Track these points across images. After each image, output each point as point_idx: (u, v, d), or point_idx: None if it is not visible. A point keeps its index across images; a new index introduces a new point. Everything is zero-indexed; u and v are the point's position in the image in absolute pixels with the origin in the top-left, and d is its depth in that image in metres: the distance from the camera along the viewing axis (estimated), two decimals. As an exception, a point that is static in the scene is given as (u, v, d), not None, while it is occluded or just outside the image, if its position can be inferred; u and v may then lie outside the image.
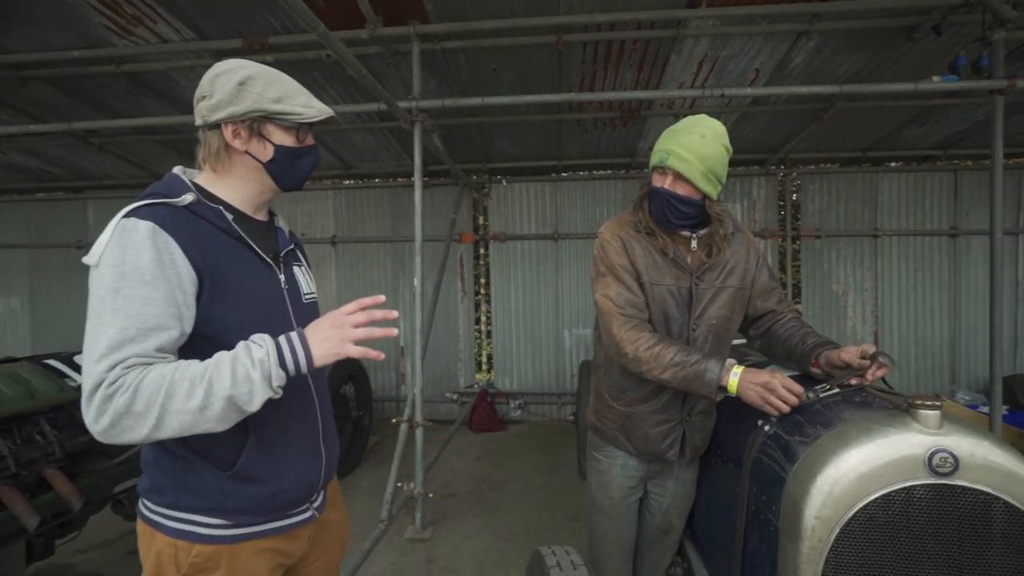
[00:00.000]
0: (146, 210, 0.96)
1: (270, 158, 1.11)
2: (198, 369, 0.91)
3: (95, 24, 3.29)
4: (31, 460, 2.27)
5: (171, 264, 0.94)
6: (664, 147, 1.46)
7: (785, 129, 4.83)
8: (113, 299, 0.91)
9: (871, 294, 5.54)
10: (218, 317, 1.00)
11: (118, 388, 0.87)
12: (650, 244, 1.55)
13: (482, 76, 3.89)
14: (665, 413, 1.59)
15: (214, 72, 1.09)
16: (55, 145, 5.14)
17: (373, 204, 6.06)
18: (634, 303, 1.52)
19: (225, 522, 1.05)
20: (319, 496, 1.23)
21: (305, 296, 1.23)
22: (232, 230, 1.07)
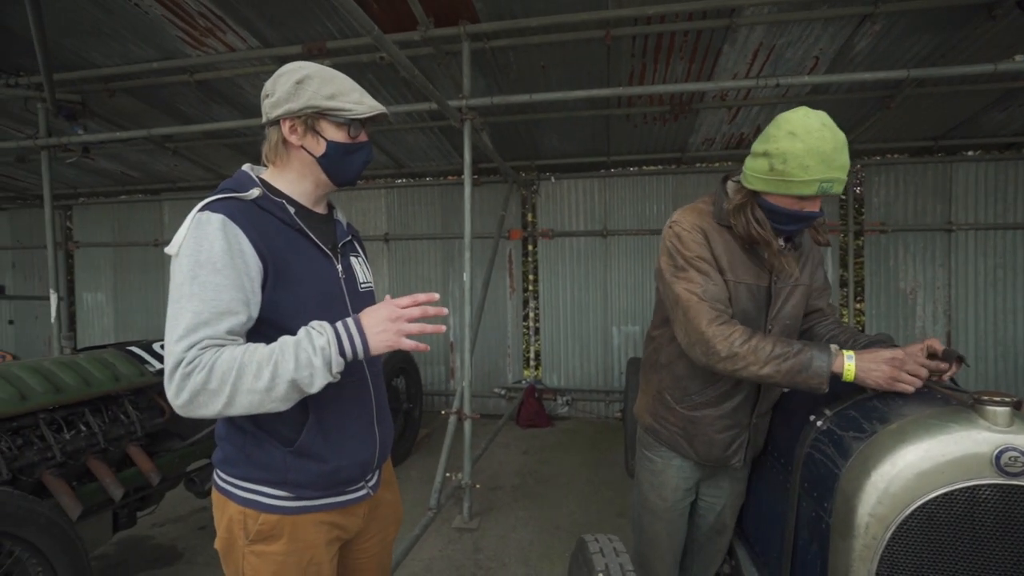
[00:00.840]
0: (218, 204, 1.05)
1: (323, 153, 1.16)
2: (265, 352, 0.98)
3: (172, 37, 3.55)
4: (117, 437, 2.49)
5: (240, 254, 1.02)
6: (823, 177, 1.27)
7: (848, 119, 4.58)
8: (191, 285, 0.99)
9: (943, 292, 5.18)
10: (280, 303, 1.08)
11: (196, 367, 0.96)
12: (732, 239, 1.46)
13: (531, 73, 3.91)
14: (732, 418, 1.52)
15: (277, 73, 1.17)
16: (136, 151, 5.57)
17: (424, 202, 6.22)
18: (720, 297, 1.42)
19: (288, 494, 1.13)
20: (374, 476, 1.30)
21: (361, 285, 1.29)
22: (294, 222, 1.14)
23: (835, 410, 1.32)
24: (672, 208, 5.62)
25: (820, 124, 1.29)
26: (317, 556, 1.16)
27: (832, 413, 1.32)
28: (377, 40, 2.21)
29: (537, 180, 5.91)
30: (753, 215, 1.39)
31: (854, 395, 1.33)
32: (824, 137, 1.27)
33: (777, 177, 1.32)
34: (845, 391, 1.35)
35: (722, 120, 4.67)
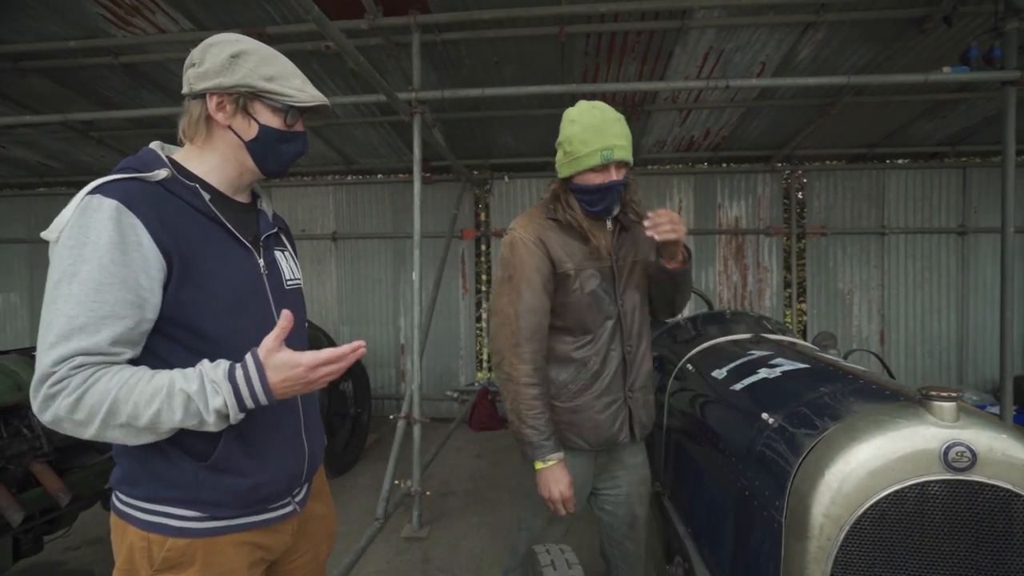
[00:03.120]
0: (114, 186, 0.90)
1: (253, 137, 1.05)
2: (147, 392, 0.86)
3: (92, 14, 3.26)
4: (18, 454, 2.23)
5: (136, 247, 0.89)
6: (599, 145, 1.45)
7: (791, 125, 4.76)
8: (69, 283, 0.86)
9: (877, 292, 5.45)
10: (188, 302, 0.95)
11: (62, 390, 0.84)
12: (567, 232, 1.57)
13: (484, 68, 3.83)
14: (609, 395, 1.59)
15: (208, 42, 1.04)
16: (56, 139, 5.12)
17: (374, 200, 6.02)
18: (537, 310, 1.52)
19: (199, 514, 0.99)
20: (301, 490, 1.18)
21: (288, 282, 1.17)
22: (208, 210, 1.01)
23: (788, 408, 1.30)
24: (625, 209, 5.67)
25: (590, 107, 1.52)
26: None
27: (785, 411, 1.30)
28: (318, 23, 2.07)
29: (490, 179, 5.83)
30: (565, 201, 1.56)
31: (805, 394, 1.32)
32: (594, 115, 1.48)
33: (571, 159, 1.50)
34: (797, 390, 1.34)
35: (673, 122, 4.74)
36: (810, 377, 1.45)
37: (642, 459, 1.72)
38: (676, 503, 2.03)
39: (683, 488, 1.95)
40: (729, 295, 5.60)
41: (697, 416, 1.87)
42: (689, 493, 1.87)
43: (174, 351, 0.95)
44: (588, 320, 1.57)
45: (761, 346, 2.00)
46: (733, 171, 5.60)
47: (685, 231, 1.46)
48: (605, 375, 1.58)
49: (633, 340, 1.63)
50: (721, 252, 5.61)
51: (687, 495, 1.89)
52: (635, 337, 1.64)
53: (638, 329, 1.65)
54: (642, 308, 1.68)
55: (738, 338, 2.26)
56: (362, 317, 6.02)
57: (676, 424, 2.10)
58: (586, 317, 1.57)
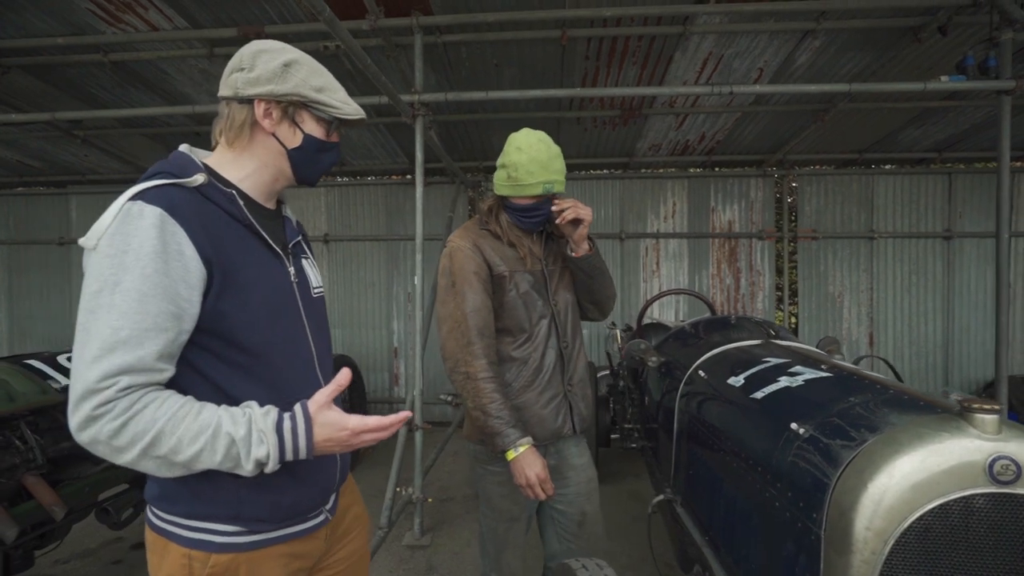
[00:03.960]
0: (155, 193, 0.88)
1: (297, 146, 1.05)
2: (193, 428, 0.85)
3: (81, 10, 3.16)
4: (10, 467, 2.14)
5: (178, 256, 0.87)
6: (544, 179, 1.60)
7: (784, 130, 4.82)
8: (111, 294, 0.83)
9: (866, 296, 5.55)
10: (227, 314, 0.93)
11: (106, 412, 0.81)
12: (498, 241, 1.70)
13: (483, 71, 3.81)
14: (550, 390, 1.70)
15: (256, 47, 1.03)
16: (37, 137, 4.96)
17: (367, 201, 5.95)
18: (481, 308, 1.63)
19: (241, 528, 0.98)
20: (331, 499, 1.18)
21: (314, 290, 1.16)
22: (243, 217, 0.99)
23: (818, 418, 1.30)
24: (620, 212, 5.70)
25: (538, 140, 1.63)
26: None
27: (815, 421, 1.30)
28: (329, 24, 2.02)
29: (484, 181, 5.80)
30: (497, 216, 1.71)
31: (835, 404, 1.32)
32: (541, 149, 1.61)
33: (513, 183, 1.63)
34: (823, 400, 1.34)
35: (670, 126, 4.77)
36: (836, 386, 1.45)
37: (588, 458, 1.84)
38: (690, 511, 2.03)
39: (698, 496, 1.94)
40: (722, 298, 5.65)
41: (714, 424, 1.86)
42: (706, 501, 1.86)
43: (209, 363, 0.94)
44: (524, 319, 1.69)
45: (775, 353, 2.00)
46: (726, 175, 5.65)
47: (590, 214, 1.62)
48: (544, 371, 1.70)
49: (568, 337, 1.77)
50: (714, 256, 5.66)
51: (703, 503, 1.88)
52: (570, 335, 1.78)
53: (572, 328, 1.79)
54: (574, 309, 1.84)
55: (747, 344, 2.26)
56: (355, 320, 5.94)
57: (688, 431, 2.10)
58: (522, 317, 1.69)
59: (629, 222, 5.71)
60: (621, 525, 3.34)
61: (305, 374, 1.07)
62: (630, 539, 3.16)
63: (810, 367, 1.67)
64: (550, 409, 1.69)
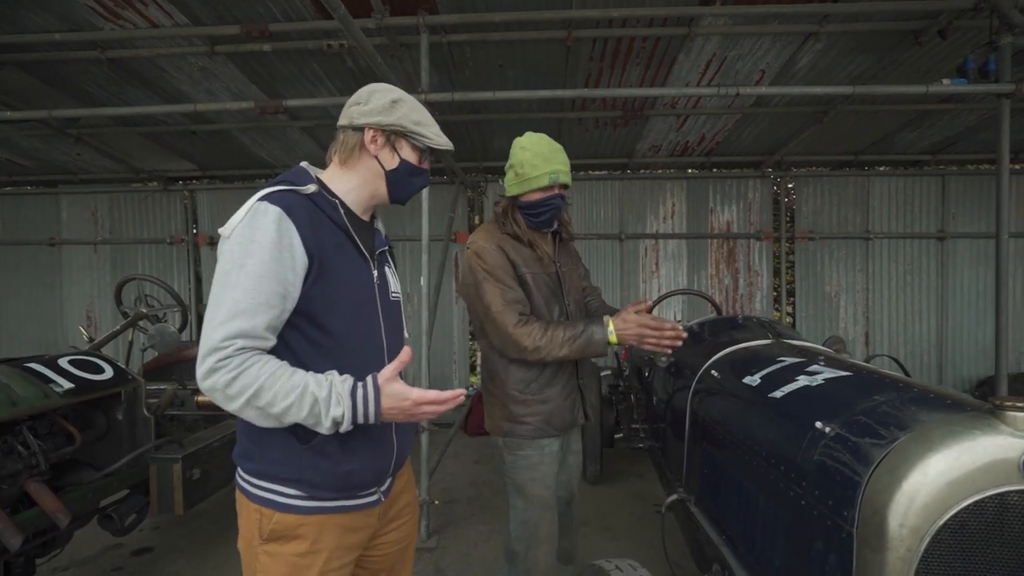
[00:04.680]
0: (278, 196, 1.09)
1: (394, 168, 1.25)
2: (286, 386, 1.03)
3: (80, 6, 3.10)
4: (13, 473, 2.09)
5: (289, 248, 1.06)
6: (549, 170, 1.73)
7: (783, 132, 4.86)
8: (237, 273, 1.04)
9: (862, 295, 5.61)
10: (317, 298, 1.11)
11: (224, 365, 1.01)
12: (519, 244, 1.80)
13: (487, 71, 3.80)
14: (568, 385, 1.85)
15: (372, 88, 1.26)
16: (28, 135, 4.87)
17: (365, 202, 5.90)
18: (519, 299, 1.73)
19: (302, 494, 1.14)
20: (387, 482, 1.29)
21: (392, 294, 1.33)
22: (342, 223, 1.18)
23: (844, 416, 1.30)
24: (619, 212, 5.72)
25: (539, 137, 1.79)
26: (332, 561, 1.17)
27: (841, 419, 1.30)
28: (343, 22, 2.01)
29: (484, 182, 5.79)
30: (513, 217, 1.81)
31: (860, 402, 1.32)
32: (542, 143, 1.77)
33: (522, 179, 1.76)
34: (850, 396, 1.34)
35: (670, 127, 4.79)
36: (859, 385, 1.46)
37: (580, 445, 2.04)
38: (705, 510, 2.03)
39: (714, 495, 1.95)
40: (721, 298, 5.68)
41: (730, 423, 1.87)
42: (722, 500, 1.87)
43: (297, 340, 1.12)
44: (547, 319, 1.79)
45: (788, 352, 2.02)
46: (725, 176, 5.69)
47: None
48: (566, 368, 1.83)
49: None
50: (713, 256, 5.69)
51: (720, 502, 1.89)
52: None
53: None
54: (580, 307, 1.98)
55: (759, 344, 2.27)
56: (352, 321, 5.89)
57: (702, 430, 2.10)
58: (544, 316, 1.80)
59: (628, 223, 5.73)
60: (627, 524, 3.34)
61: (376, 362, 1.19)
62: (637, 538, 3.17)
63: (828, 366, 1.68)
64: (569, 401, 1.84)
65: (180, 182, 6.10)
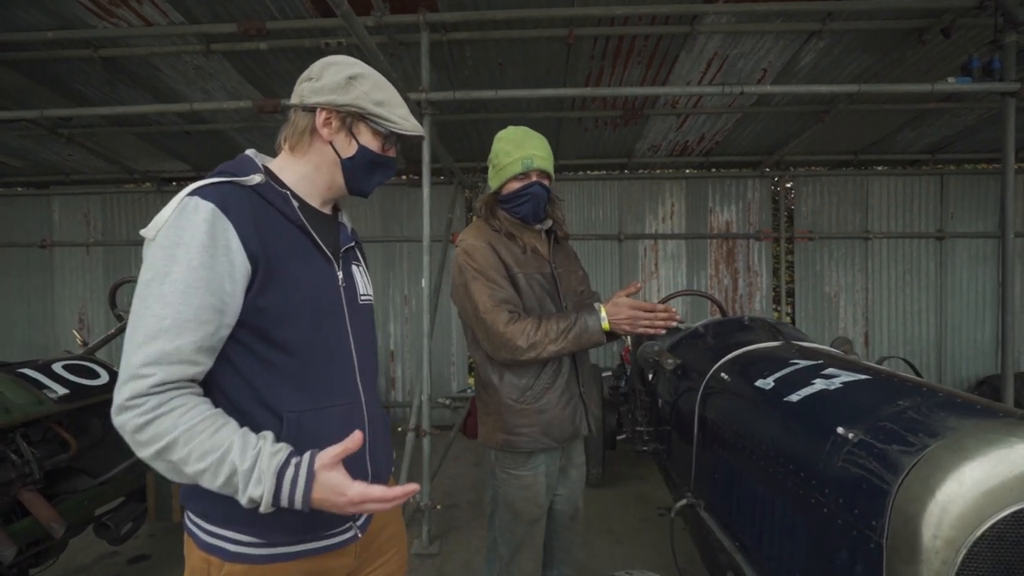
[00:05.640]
0: (211, 189, 0.91)
1: (350, 155, 1.08)
2: (204, 447, 0.85)
3: (72, 3, 3.03)
4: (6, 482, 2.03)
5: (225, 250, 0.90)
6: (521, 155, 1.65)
7: (783, 131, 4.85)
8: (160, 283, 0.87)
9: (862, 295, 5.61)
10: (266, 309, 0.94)
11: (136, 406, 0.85)
12: (510, 242, 1.70)
13: (487, 69, 3.76)
14: (568, 392, 1.73)
15: (327, 60, 1.09)
16: (19, 136, 4.78)
17: (362, 202, 5.84)
18: (509, 298, 1.63)
19: (256, 539, 0.96)
20: (364, 515, 1.12)
21: (361, 297, 1.16)
22: (296, 218, 1.01)
23: (868, 422, 1.27)
24: (618, 212, 5.68)
25: (514, 127, 1.74)
26: None
27: (865, 425, 1.27)
28: (346, 19, 1.96)
29: (483, 182, 5.74)
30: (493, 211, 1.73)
31: (883, 407, 1.29)
32: (516, 131, 1.71)
33: (497, 170, 1.70)
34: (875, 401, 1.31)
35: (670, 127, 4.77)
36: (880, 389, 1.43)
37: (584, 458, 1.90)
38: (716, 515, 2.00)
39: (726, 500, 1.91)
40: (720, 298, 5.66)
41: (743, 427, 1.83)
42: (735, 505, 1.83)
43: (244, 358, 0.95)
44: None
45: (800, 355, 1.98)
46: (724, 176, 5.67)
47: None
48: (564, 373, 1.72)
49: None
50: (712, 256, 5.67)
51: (733, 507, 1.85)
52: None
53: None
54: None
55: (769, 346, 2.24)
56: (378, 321, 5.82)
57: (712, 434, 2.06)
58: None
59: (628, 223, 5.70)
60: (630, 527, 3.31)
61: (343, 380, 1.06)
62: (640, 541, 3.13)
63: (844, 369, 1.65)
64: (568, 411, 1.72)
65: (174, 183, 6.02)
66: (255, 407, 0.95)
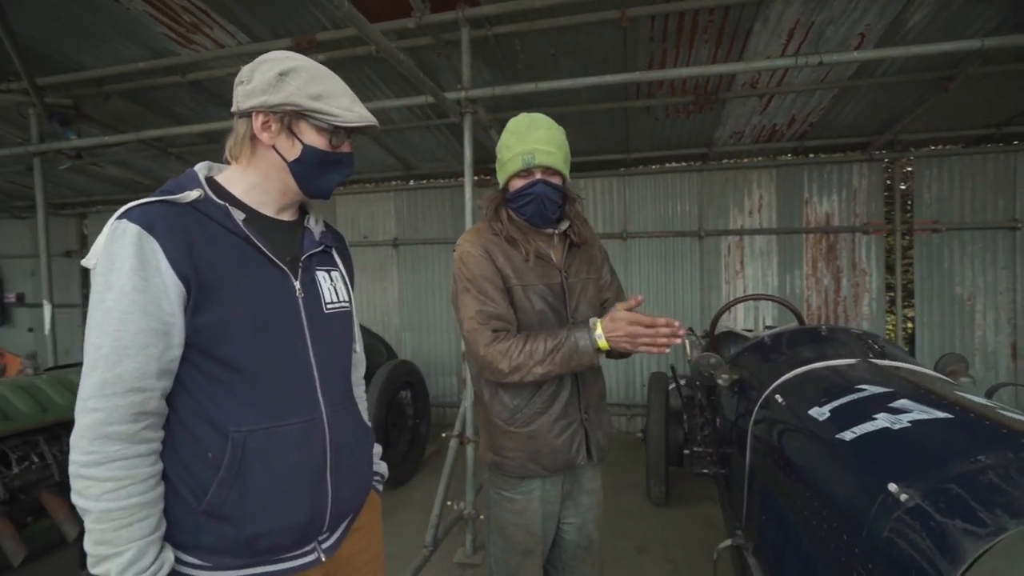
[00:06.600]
0: (139, 211, 0.89)
1: (296, 158, 1.02)
2: (107, 535, 0.83)
3: (157, 34, 3.34)
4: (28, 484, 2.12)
5: (156, 272, 0.87)
6: (521, 150, 1.46)
7: (895, 105, 4.13)
8: (96, 311, 0.86)
9: (1007, 298, 4.64)
10: (203, 328, 0.91)
11: (91, 456, 0.83)
12: (512, 249, 1.53)
13: (539, 62, 3.59)
14: (565, 417, 1.54)
15: (260, 59, 1.02)
16: (141, 157, 5.45)
17: (433, 204, 5.95)
18: (499, 315, 1.46)
19: (203, 563, 0.93)
20: (332, 536, 1.08)
21: (328, 305, 1.09)
22: (238, 230, 0.97)
23: (929, 481, 0.96)
24: (698, 208, 5.23)
25: (524, 116, 1.54)
26: None
27: (924, 485, 0.96)
28: (355, 23, 1.91)
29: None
30: (497, 211, 1.56)
31: (955, 462, 0.97)
32: (520, 122, 1.52)
33: (501, 165, 1.53)
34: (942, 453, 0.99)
35: (752, 110, 4.26)
36: (958, 434, 1.09)
37: (600, 483, 1.70)
38: (763, 562, 1.69)
39: (773, 548, 1.60)
40: (819, 301, 5.00)
41: (790, 465, 1.52)
42: (781, 556, 1.53)
43: (191, 376, 0.93)
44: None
45: (873, 377, 1.61)
46: (823, 162, 4.99)
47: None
48: (562, 396, 1.53)
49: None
50: (809, 253, 5.02)
51: (778, 557, 1.55)
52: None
53: None
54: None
55: (839, 364, 1.87)
56: (423, 324, 5.96)
57: (762, 466, 1.75)
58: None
59: (709, 218, 5.22)
60: (692, 557, 2.98)
61: (300, 396, 1.01)
62: (703, 573, 2.80)
63: (922, 401, 1.30)
64: (564, 438, 1.53)
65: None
66: (200, 424, 0.93)
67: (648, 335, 1.30)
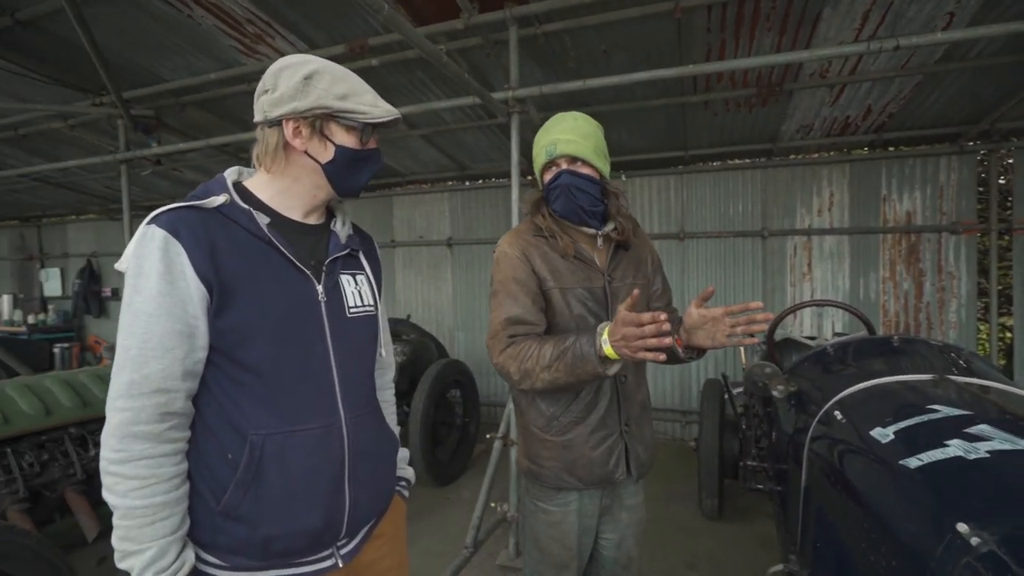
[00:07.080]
0: (166, 217, 0.92)
1: (330, 159, 1.03)
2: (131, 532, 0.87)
3: (225, 47, 3.55)
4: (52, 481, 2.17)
5: (181, 276, 0.90)
6: (545, 143, 1.45)
7: (992, 91, 3.71)
8: (125, 313, 0.90)
9: None
10: (225, 331, 0.93)
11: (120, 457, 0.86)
12: (551, 250, 1.47)
13: (591, 59, 3.51)
14: (603, 429, 1.47)
15: (279, 65, 1.03)
16: (216, 162, 5.81)
17: (487, 204, 5.97)
18: (523, 319, 1.40)
19: (220, 562, 0.96)
20: (350, 542, 1.08)
21: (351, 310, 1.09)
22: (262, 234, 0.98)
23: (1007, 524, 0.83)
24: (762, 207, 4.95)
25: (561, 113, 1.52)
26: None
27: (1001, 528, 0.83)
28: (394, 25, 1.93)
29: (606, 179, 5.44)
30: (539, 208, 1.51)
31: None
32: (554, 120, 1.50)
33: (535, 164, 1.51)
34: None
35: (822, 102, 3.97)
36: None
37: (641, 499, 1.62)
38: (818, 594, 1.56)
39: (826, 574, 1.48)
40: (897, 306, 4.59)
41: (848, 489, 1.39)
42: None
43: (215, 377, 0.95)
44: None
45: (950, 397, 1.45)
46: (904, 155, 4.57)
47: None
48: (600, 406, 1.47)
49: (629, 368, 1.52)
50: (887, 255, 4.62)
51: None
52: (631, 367, 1.52)
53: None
54: None
55: (910, 379, 1.69)
56: (475, 323, 6.01)
57: (818, 488, 1.62)
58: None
59: (773, 217, 4.93)
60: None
61: (318, 401, 1.01)
62: (755, 599, 2.64)
63: (1006, 429, 1.14)
64: (601, 451, 1.46)
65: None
66: (222, 426, 0.95)
67: (638, 335, 1.13)
